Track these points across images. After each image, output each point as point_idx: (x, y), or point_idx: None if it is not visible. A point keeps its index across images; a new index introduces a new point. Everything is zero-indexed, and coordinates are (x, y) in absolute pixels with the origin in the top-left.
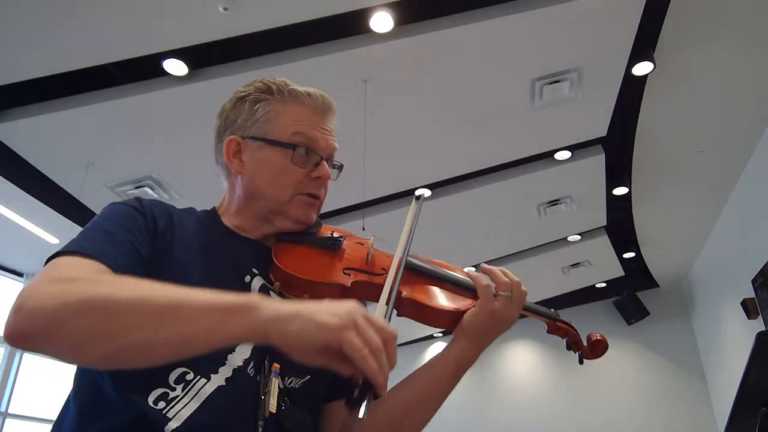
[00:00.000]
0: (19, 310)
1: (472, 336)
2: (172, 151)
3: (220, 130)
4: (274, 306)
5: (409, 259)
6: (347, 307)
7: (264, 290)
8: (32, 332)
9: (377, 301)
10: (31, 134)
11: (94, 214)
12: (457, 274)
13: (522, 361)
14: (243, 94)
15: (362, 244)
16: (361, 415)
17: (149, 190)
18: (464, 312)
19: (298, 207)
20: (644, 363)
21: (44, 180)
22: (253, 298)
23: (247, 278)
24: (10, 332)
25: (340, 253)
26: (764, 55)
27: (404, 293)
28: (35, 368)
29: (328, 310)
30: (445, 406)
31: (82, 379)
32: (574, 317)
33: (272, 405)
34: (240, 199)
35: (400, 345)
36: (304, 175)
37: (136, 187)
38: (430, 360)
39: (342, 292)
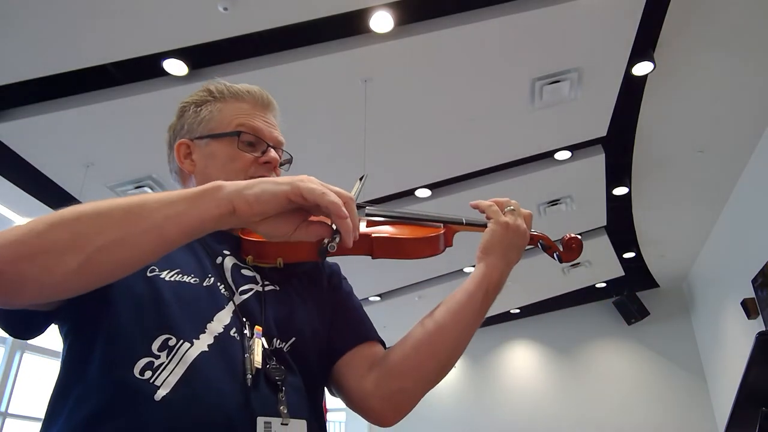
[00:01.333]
0: None
1: (495, 251)
2: None
3: (170, 142)
4: (236, 182)
5: (371, 210)
6: (304, 176)
7: (236, 268)
8: (1, 259)
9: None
10: (31, 134)
11: None
12: (422, 213)
13: (522, 361)
14: (186, 103)
15: None
16: (334, 247)
17: (149, 190)
18: (435, 237)
19: None
20: (644, 363)
21: (44, 180)
22: (216, 182)
23: (219, 259)
24: None
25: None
26: (764, 55)
27: (371, 234)
28: (35, 368)
29: (287, 176)
30: (446, 405)
31: (67, 362)
32: (574, 317)
33: (257, 361)
34: None
35: None
36: (253, 161)
37: (136, 187)
38: (456, 290)
39: (313, 247)
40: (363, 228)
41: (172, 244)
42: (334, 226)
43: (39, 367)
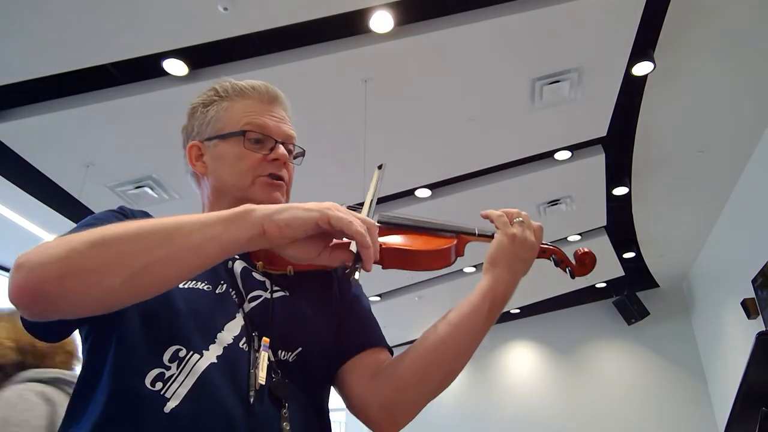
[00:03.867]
0: (22, 266)
1: (501, 263)
2: (172, 151)
3: (184, 143)
4: (267, 206)
5: (385, 214)
6: (328, 202)
7: (246, 272)
8: (43, 279)
9: None
10: (31, 134)
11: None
12: (435, 222)
13: (522, 362)
14: (195, 104)
15: None
16: (356, 276)
17: (149, 190)
18: (447, 249)
19: (261, 189)
20: (644, 363)
21: (44, 180)
22: (248, 206)
23: (229, 263)
24: (18, 287)
25: None
26: (764, 55)
27: (383, 245)
28: None
29: (314, 203)
30: (445, 405)
31: (83, 372)
32: (574, 317)
33: (261, 377)
34: (210, 198)
35: (399, 346)
36: (261, 159)
37: (136, 187)
38: (462, 301)
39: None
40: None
41: (211, 263)
42: (354, 248)
43: None
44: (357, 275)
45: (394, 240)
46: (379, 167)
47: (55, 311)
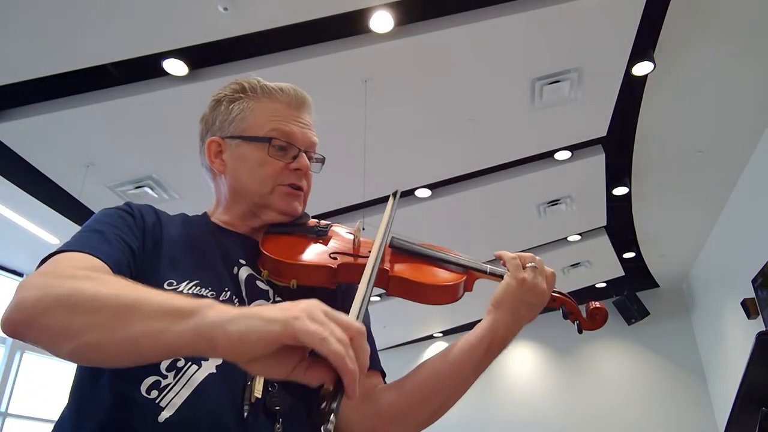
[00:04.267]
0: (11, 300)
1: (505, 306)
2: (172, 151)
3: (202, 134)
4: (224, 309)
5: (397, 239)
6: (304, 303)
7: (251, 279)
8: (17, 322)
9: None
10: (31, 134)
11: (94, 214)
12: (449, 254)
13: (522, 362)
14: (219, 96)
15: (351, 233)
16: (330, 427)
17: (149, 190)
18: (454, 286)
19: (280, 198)
20: (644, 363)
21: (44, 180)
22: (205, 302)
23: (235, 269)
24: (3, 321)
25: (326, 240)
26: (764, 55)
27: (391, 272)
28: (35, 368)
29: (280, 307)
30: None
31: (80, 372)
32: None
33: (257, 390)
34: (226, 197)
35: (399, 346)
36: (283, 167)
37: (136, 187)
38: (460, 339)
39: (329, 275)
40: (385, 261)
41: (145, 360)
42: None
43: (39, 367)
44: (332, 420)
45: (402, 269)
46: (394, 194)
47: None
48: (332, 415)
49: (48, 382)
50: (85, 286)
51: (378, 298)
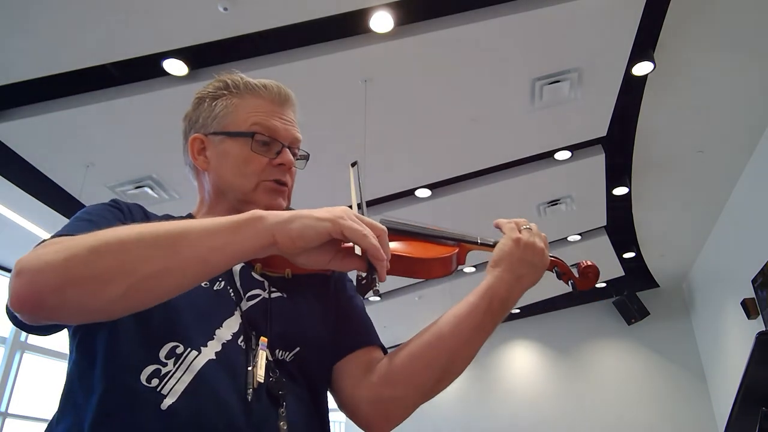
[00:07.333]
0: (22, 272)
1: (503, 264)
2: (172, 151)
3: (185, 132)
4: (276, 213)
5: (387, 220)
6: (339, 208)
7: (245, 271)
8: (43, 288)
9: None
10: (31, 134)
11: (83, 208)
12: (440, 230)
13: (522, 361)
14: (202, 94)
15: None
16: (378, 287)
17: (149, 190)
18: (448, 257)
19: (264, 194)
20: (644, 363)
21: (44, 180)
22: (255, 212)
23: None
24: (18, 295)
25: None
26: (764, 55)
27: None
28: (35, 368)
29: (325, 209)
30: (445, 405)
31: (73, 368)
32: (574, 317)
33: (260, 375)
34: (210, 195)
35: (398, 345)
36: (267, 163)
37: (136, 187)
38: (463, 299)
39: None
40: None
41: (217, 272)
42: (359, 251)
43: (39, 367)
44: (378, 287)
45: (396, 247)
46: (353, 164)
47: (55, 319)
48: (374, 285)
49: (48, 382)
50: (114, 232)
51: (378, 299)
